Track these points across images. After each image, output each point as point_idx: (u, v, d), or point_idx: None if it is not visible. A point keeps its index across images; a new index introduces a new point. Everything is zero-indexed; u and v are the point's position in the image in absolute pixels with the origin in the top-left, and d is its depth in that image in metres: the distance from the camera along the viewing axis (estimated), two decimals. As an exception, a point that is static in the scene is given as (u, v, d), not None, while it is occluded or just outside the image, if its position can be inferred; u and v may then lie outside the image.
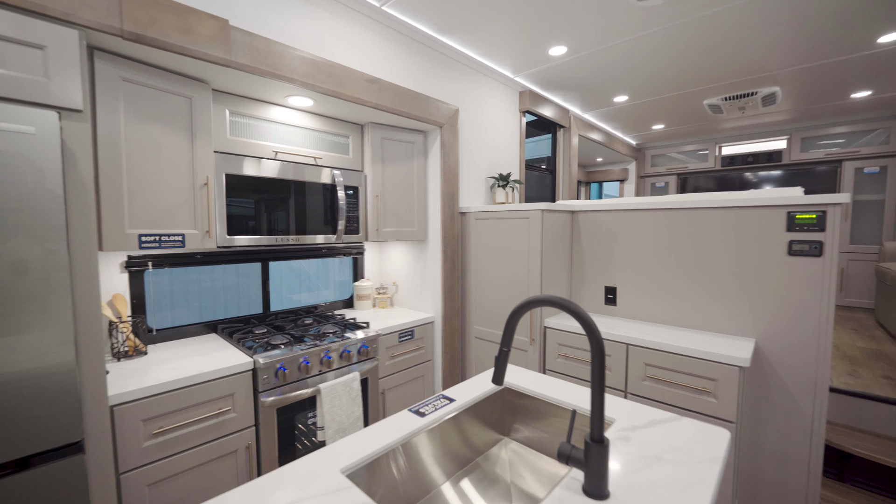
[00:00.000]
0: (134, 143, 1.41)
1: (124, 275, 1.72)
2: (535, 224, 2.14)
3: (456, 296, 2.47)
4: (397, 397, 2.19)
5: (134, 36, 1.23)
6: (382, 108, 1.99)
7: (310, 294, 2.49)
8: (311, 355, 1.75)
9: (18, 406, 1.03)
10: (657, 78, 3.08)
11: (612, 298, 2.25)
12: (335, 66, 1.77)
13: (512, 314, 0.90)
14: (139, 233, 1.43)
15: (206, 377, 1.46)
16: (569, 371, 2.07)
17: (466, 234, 2.51)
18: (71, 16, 1.12)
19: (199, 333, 1.96)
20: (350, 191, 2.15)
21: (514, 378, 1.39)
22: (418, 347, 2.30)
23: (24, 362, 1.04)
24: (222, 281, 2.08)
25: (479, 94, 2.69)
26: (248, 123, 1.82)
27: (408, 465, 1.03)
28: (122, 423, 1.28)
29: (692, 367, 1.67)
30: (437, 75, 2.36)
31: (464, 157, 2.60)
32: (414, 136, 2.38)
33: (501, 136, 2.93)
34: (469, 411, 1.22)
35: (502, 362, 0.93)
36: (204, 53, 1.38)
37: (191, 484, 1.44)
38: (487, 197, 2.85)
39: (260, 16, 1.59)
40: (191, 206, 1.57)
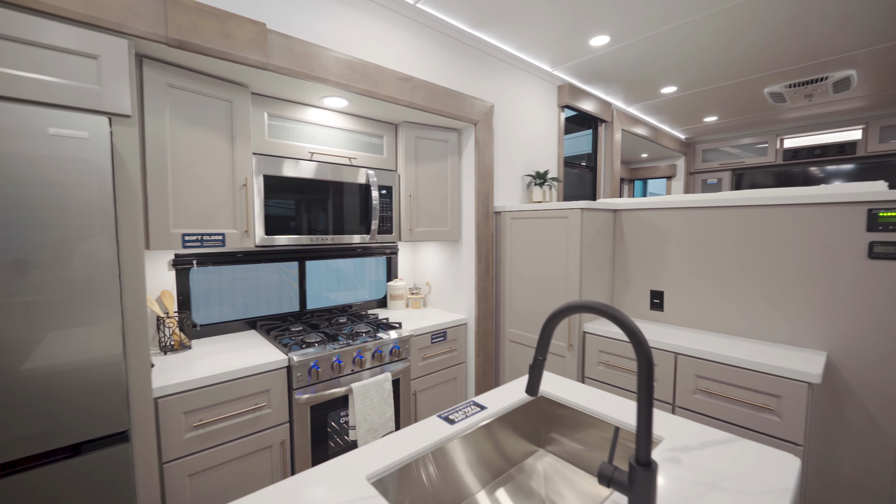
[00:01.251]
0: (178, 146, 1.47)
1: (172, 272, 1.81)
2: (573, 223, 2.04)
3: (490, 297, 2.41)
4: (429, 399, 2.17)
5: (178, 42, 1.28)
6: (416, 106, 1.97)
7: (345, 293, 2.52)
8: (343, 354, 1.76)
9: (71, 395, 1.10)
10: (710, 66, 2.86)
11: (659, 303, 2.10)
12: (369, 66, 1.77)
13: (548, 321, 0.83)
14: (183, 232, 1.49)
15: (244, 373, 1.50)
16: (610, 380, 1.95)
17: (501, 234, 2.44)
18: (122, 26, 1.18)
19: (240, 329, 2.03)
20: (384, 191, 2.15)
21: (551, 386, 1.31)
22: (451, 349, 2.27)
23: (76, 353, 1.10)
24: (262, 279, 2.14)
25: (515, 89, 2.61)
26: (285, 125, 1.86)
27: (438, 474, 0.99)
28: (166, 414, 1.34)
29: (752, 382, 1.51)
30: (471, 71, 2.31)
31: (499, 154, 2.54)
32: (448, 134, 2.35)
33: (538, 133, 2.83)
34: (502, 420, 1.16)
35: (537, 372, 0.86)
36: (242, 57, 1.41)
37: (228, 476, 1.48)
38: (523, 196, 2.76)
39: (296, 18, 1.61)
40: (230, 207, 1.62)
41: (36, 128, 1.02)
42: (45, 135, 1.03)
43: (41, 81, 1.06)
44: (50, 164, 1.04)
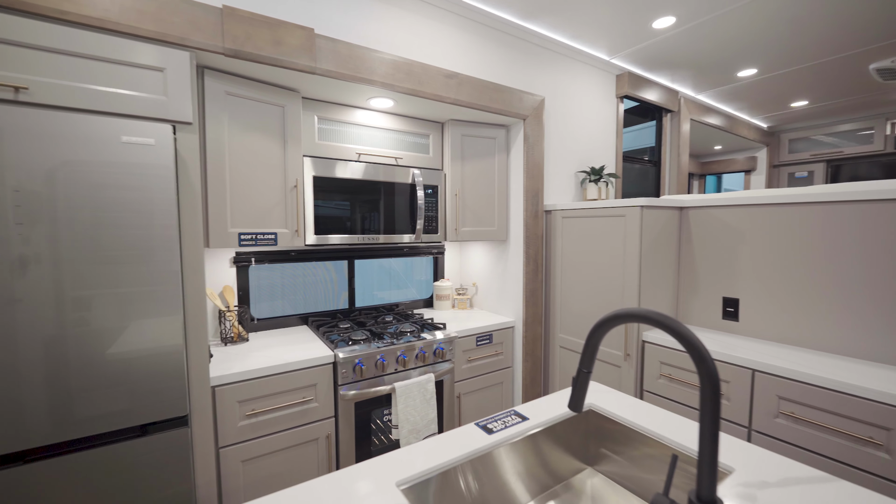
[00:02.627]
0: (235, 151, 1.56)
1: (232, 269, 1.93)
2: (632, 222, 1.88)
3: (539, 300, 2.30)
4: (474, 403, 2.11)
5: (233, 52, 1.35)
6: (461, 103, 1.92)
7: (392, 292, 2.55)
8: (387, 353, 1.77)
9: (142, 379, 1.20)
10: (800, 42, 2.50)
11: (733, 312, 1.87)
12: (414, 65, 1.76)
13: (593, 331, 0.75)
14: (239, 231, 1.58)
15: (293, 367, 1.55)
16: (673, 395, 1.76)
17: (552, 233, 2.32)
18: (184, 39, 1.27)
19: (293, 324, 2.12)
20: (429, 190, 2.13)
21: (602, 399, 1.20)
22: (497, 353, 2.20)
23: (148, 341, 1.20)
24: (314, 277, 2.23)
25: (568, 81, 2.47)
26: (333, 127, 1.91)
27: (476, 485, 0.94)
28: (222, 402, 1.42)
29: (852, 408, 1.28)
30: (520, 64, 2.23)
31: (550, 150, 2.42)
32: (495, 130, 2.28)
33: (594, 126, 2.66)
34: (547, 433, 1.08)
35: (581, 385, 0.78)
36: (292, 62, 1.46)
37: (278, 465, 1.54)
38: (577, 193, 2.61)
39: (342, 22, 1.64)
40: (282, 207, 1.70)
41: (111, 136, 1.12)
42: (118, 142, 1.13)
43: (116, 94, 1.16)
44: (123, 169, 1.14)
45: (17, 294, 1.04)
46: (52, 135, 1.05)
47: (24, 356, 1.05)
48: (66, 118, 1.07)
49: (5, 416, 1.03)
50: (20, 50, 1.04)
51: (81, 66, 1.12)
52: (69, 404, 1.11)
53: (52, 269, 1.08)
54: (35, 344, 1.07)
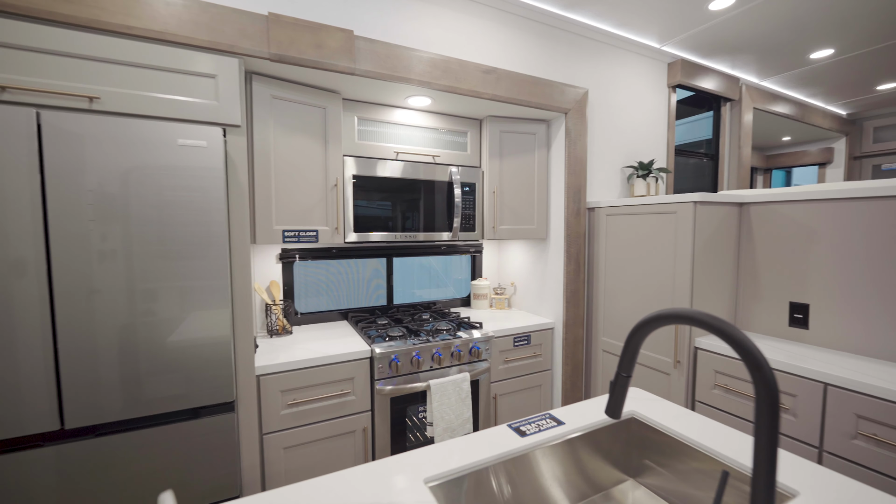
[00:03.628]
0: (280, 151, 1.63)
1: (278, 265, 2.03)
2: (684, 219, 1.75)
3: (580, 301, 2.21)
4: (511, 405, 2.07)
5: (277, 57, 1.41)
6: (500, 98, 1.89)
7: (430, 290, 2.56)
8: (422, 350, 1.77)
9: (194, 367, 1.28)
10: (887, 14, 2.21)
11: (802, 319, 1.68)
12: (451, 61, 1.75)
13: (633, 332, 0.70)
14: (283, 228, 1.65)
15: (332, 360, 1.60)
16: (730, 408, 1.62)
17: (595, 232, 2.22)
18: (234, 47, 1.35)
19: (334, 319, 2.19)
20: (466, 188, 2.12)
21: (646, 408, 1.13)
22: (535, 354, 2.13)
23: (198, 332, 1.28)
24: (355, 274, 2.28)
25: (613, 72, 2.35)
26: (373, 127, 1.95)
27: (509, 488, 0.91)
28: (266, 390, 1.49)
29: (950, 433, 1.10)
30: (561, 56, 2.15)
31: (593, 145, 2.31)
32: (535, 126, 2.22)
33: (643, 119, 2.51)
34: (585, 439, 1.03)
35: (620, 390, 0.73)
36: (332, 64, 1.51)
37: (317, 455, 1.60)
38: (623, 190, 2.48)
39: (380, 22, 1.67)
40: (323, 206, 1.75)
41: (169, 140, 1.21)
42: (175, 145, 1.22)
43: (174, 101, 1.26)
44: (180, 171, 1.22)
45: (97, 285, 1.15)
46: (121, 139, 1.15)
47: (101, 341, 1.17)
48: (132, 124, 1.16)
49: (85, 394, 1.15)
50: (93, 63, 1.16)
51: (145, 76, 1.22)
52: (138, 386, 1.21)
53: (125, 263, 1.18)
54: (111, 331, 1.18)
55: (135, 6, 1.20)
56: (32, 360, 1.09)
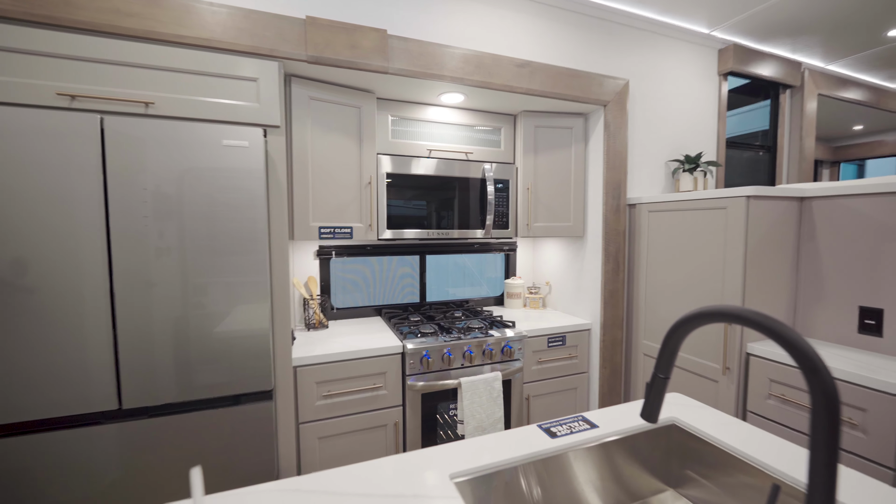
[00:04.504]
0: (317, 150, 1.69)
1: (316, 261, 2.10)
2: (735, 215, 1.63)
3: (619, 302, 2.11)
4: (544, 407, 2.02)
5: (314, 59, 1.46)
6: (534, 92, 1.85)
7: (463, 289, 2.55)
8: (454, 347, 1.77)
9: (237, 357, 1.35)
10: None
11: (875, 325, 1.51)
12: (484, 56, 1.73)
13: (672, 331, 0.65)
14: (319, 225, 1.70)
15: (365, 354, 1.63)
16: (787, 420, 1.49)
17: (636, 229, 2.11)
18: (274, 50, 1.41)
19: (368, 315, 2.24)
20: (500, 184, 2.09)
21: (689, 415, 1.06)
22: (571, 356, 2.07)
23: (240, 324, 1.35)
24: (389, 271, 2.32)
25: (657, 61, 2.23)
26: (406, 125, 1.97)
27: (539, 490, 0.89)
28: (302, 381, 1.55)
29: None
30: (600, 47, 2.06)
31: (635, 138, 2.20)
32: (572, 120, 2.15)
33: (689, 110, 2.37)
34: (620, 444, 0.98)
35: (656, 393, 0.69)
36: (366, 64, 1.54)
37: (350, 446, 1.63)
38: (668, 185, 2.34)
39: (413, 20, 1.68)
40: (357, 203, 1.79)
41: (215, 140, 1.28)
42: (220, 146, 1.29)
43: (219, 104, 1.33)
44: (225, 170, 1.29)
45: (154, 279, 1.24)
46: (172, 141, 1.23)
47: (156, 331, 1.26)
48: (182, 126, 1.24)
49: (140, 378, 1.24)
50: (148, 71, 1.25)
51: (193, 81, 1.30)
52: (187, 372, 1.30)
53: (179, 259, 1.27)
54: (165, 321, 1.26)
55: (185, 16, 1.29)
56: (96, 346, 1.20)
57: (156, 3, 1.25)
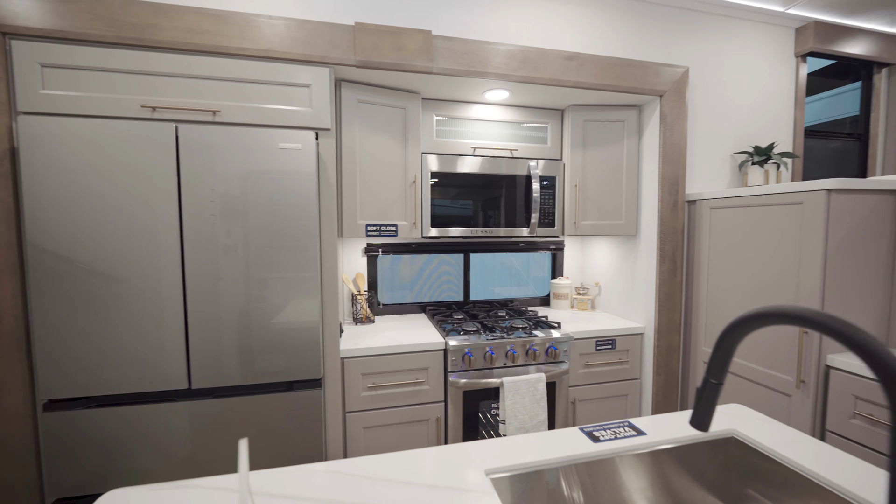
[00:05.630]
0: (364, 151, 1.75)
1: (364, 258, 2.18)
2: (814, 211, 1.46)
3: (676, 305, 1.98)
4: (591, 411, 1.94)
5: (362, 63, 1.52)
6: (583, 85, 1.78)
7: (507, 288, 2.52)
8: (496, 346, 1.75)
9: (290, 347, 1.44)
10: None
11: None
12: (529, 51, 1.70)
13: (726, 332, 0.60)
14: (366, 223, 1.77)
15: (408, 349, 1.67)
16: (875, 443, 1.31)
17: (696, 227, 1.96)
18: (325, 57, 1.48)
19: (413, 312, 2.28)
20: (545, 182, 2.04)
21: (753, 429, 0.97)
22: (621, 361, 1.97)
23: (294, 317, 1.44)
24: (433, 268, 2.35)
25: (721, 45, 2.06)
26: (450, 124, 1.98)
27: (581, 494, 0.86)
28: (349, 372, 1.61)
29: None
30: (655, 34, 1.94)
31: (695, 130, 2.05)
32: (624, 112, 2.04)
33: (759, 97, 2.16)
34: (671, 454, 0.92)
35: (707, 399, 0.64)
36: (411, 65, 1.57)
37: (393, 438, 1.68)
38: (734, 179, 2.15)
39: (458, 18, 1.68)
40: (402, 202, 1.84)
41: (272, 144, 1.38)
42: (277, 149, 1.38)
43: (276, 110, 1.43)
44: (281, 170, 1.39)
45: (221, 273, 1.37)
46: (236, 145, 1.34)
47: (224, 320, 1.38)
48: (244, 131, 1.35)
49: (208, 362, 1.37)
50: (215, 82, 1.37)
51: (254, 90, 1.41)
52: (248, 359, 1.41)
53: (243, 255, 1.38)
54: (231, 312, 1.38)
55: (247, 30, 1.40)
56: (171, 332, 1.34)
57: (222, 19, 1.37)
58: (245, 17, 1.39)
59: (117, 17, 1.30)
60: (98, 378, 1.29)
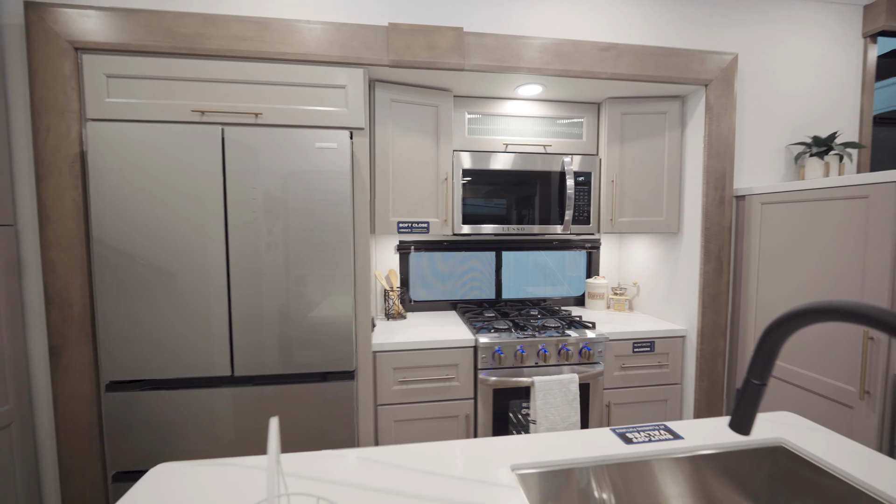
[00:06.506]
0: (397, 150, 1.78)
1: (396, 255, 2.22)
2: (881, 205, 1.33)
3: (722, 307, 1.86)
4: (627, 416, 1.87)
5: (395, 63, 1.55)
6: (620, 76, 1.72)
7: (540, 287, 2.48)
8: (527, 345, 1.73)
9: (325, 340, 1.50)
10: None
11: None
12: (563, 43, 1.66)
13: (770, 329, 0.56)
14: (398, 220, 1.80)
15: (438, 345, 1.68)
16: (956, 463, 1.17)
17: (745, 224, 1.84)
18: (360, 58, 1.52)
19: (444, 309, 2.30)
20: (580, 177, 1.98)
21: (804, 438, 0.90)
22: (660, 364, 1.88)
23: (329, 312, 1.49)
24: (464, 266, 2.36)
25: (775, 28, 1.92)
26: (482, 121, 1.98)
27: (613, 496, 0.83)
28: (381, 365, 1.65)
29: None
30: (700, 20, 1.84)
31: (745, 120, 1.92)
32: (666, 104, 1.95)
33: (819, 82, 1.99)
34: (711, 461, 0.87)
35: (749, 401, 0.60)
36: (443, 63, 1.58)
37: (423, 432, 1.70)
38: (789, 172, 2.00)
39: (489, 14, 1.67)
40: (434, 199, 1.85)
41: (309, 144, 1.43)
42: (313, 149, 1.44)
43: (314, 111, 1.49)
44: (318, 169, 1.44)
45: (264, 269, 1.44)
46: (276, 145, 1.41)
47: (265, 313, 1.45)
48: (283, 132, 1.42)
49: (249, 351, 1.45)
50: (257, 86, 1.45)
51: (293, 92, 1.47)
52: (286, 349, 1.47)
53: (284, 252, 1.45)
54: (272, 306, 1.45)
55: (287, 35, 1.46)
56: (217, 322, 1.42)
57: (264, 26, 1.44)
58: (285, 23, 1.46)
59: (171, 29, 1.40)
60: (153, 363, 1.40)
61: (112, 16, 1.37)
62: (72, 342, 1.42)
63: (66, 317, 1.41)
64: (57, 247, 1.39)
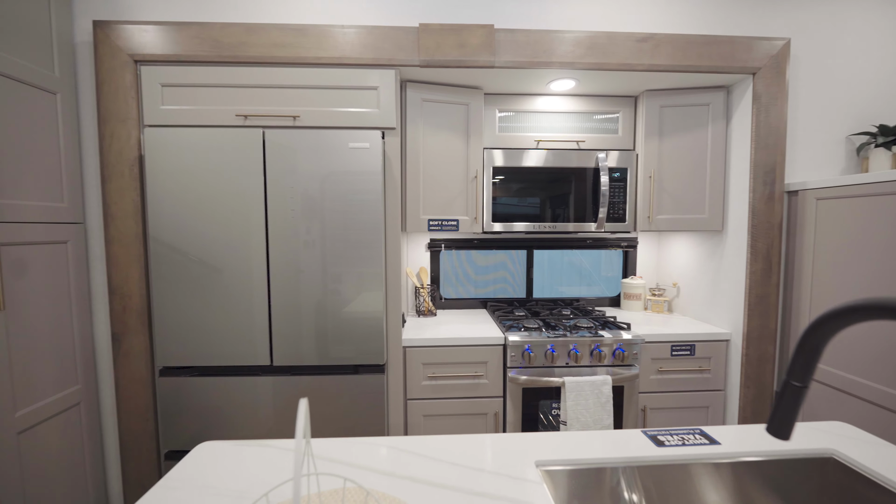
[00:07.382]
0: (427, 148, 1.81)
1: (427, 253, 2.25)
2: (956, 199, 1.20)
3: (770, 310, 1.75)
4: (664, 421, 1.79)
5: (426, 62, 1.57)
6: (659, 68, 1.65)
7: (573, 287, 2.43)
8: (558, 345, 1.70)
9: (358, 334, 1.55)
10: None
11: None
12: (597, 36, 1.62)
13: (813, 327, 0.53)
14: (428, 218, 1.82)
15: (467, 342, 1.69)
16: None
17: (797, 221, 1.72)
18: (391, 60, 1.56)
19: (473, 307, 2.30)
20: (616, 173, 1.92)
21: (858, 451, 0.83)
22: (701, 369, 1.79)
23: (361, 308, 1.54)
24: (495, 265, 2.35)
25: (833, 8, 1.77)
26: (513, 118, 1.96)
27: (642, 498, 0.81)
28: (411, 361, 1.68)
29: None
30: (746, 3, 1.73)
31: (797, 110, 1.79)
32: (709, 95, 1.85)
33: (885, 66, 1.81)
34: (751, 469, 0.83)
35: (789, 403, 0.56)
36: (473, 60, 1.59)
37: (452, 428, 1.71)
38: (848, 165, 1.84)
39: (520, 10, 1.66)
40: (464, 197, 1.86)
41: (343, 144, 1.49)
42: (347, 149, 1.49)
43: (348, 112, 1.54)
44: (351, 169, 1.49)
45: (302, 266, 1.51)
46: (313, 146, 1.47)
47: (303, 307, 1.52)
48: (319, 133, 1.48)
49: (287, 342, 1.52)
50: (294, 90, 1.52)
51: (328, 95, 1.53)
52: (322, 342, 1.54)
53: (321, 250, 1.51)
54: (309, 301, 1.52)
55: (323, 40, 1.52)
56: (258, 315, 1.51)
57: (302, 33, 1.51)
58: (321, 28, 1.52)
59: (217, 39, 1.50)
60: (201, 351, 1.51)
61: (166, 29, 1.49)
62: (131, 330, 1.55)
63: (126, 306, 1.54)
64: (119, 242, 1.53)
